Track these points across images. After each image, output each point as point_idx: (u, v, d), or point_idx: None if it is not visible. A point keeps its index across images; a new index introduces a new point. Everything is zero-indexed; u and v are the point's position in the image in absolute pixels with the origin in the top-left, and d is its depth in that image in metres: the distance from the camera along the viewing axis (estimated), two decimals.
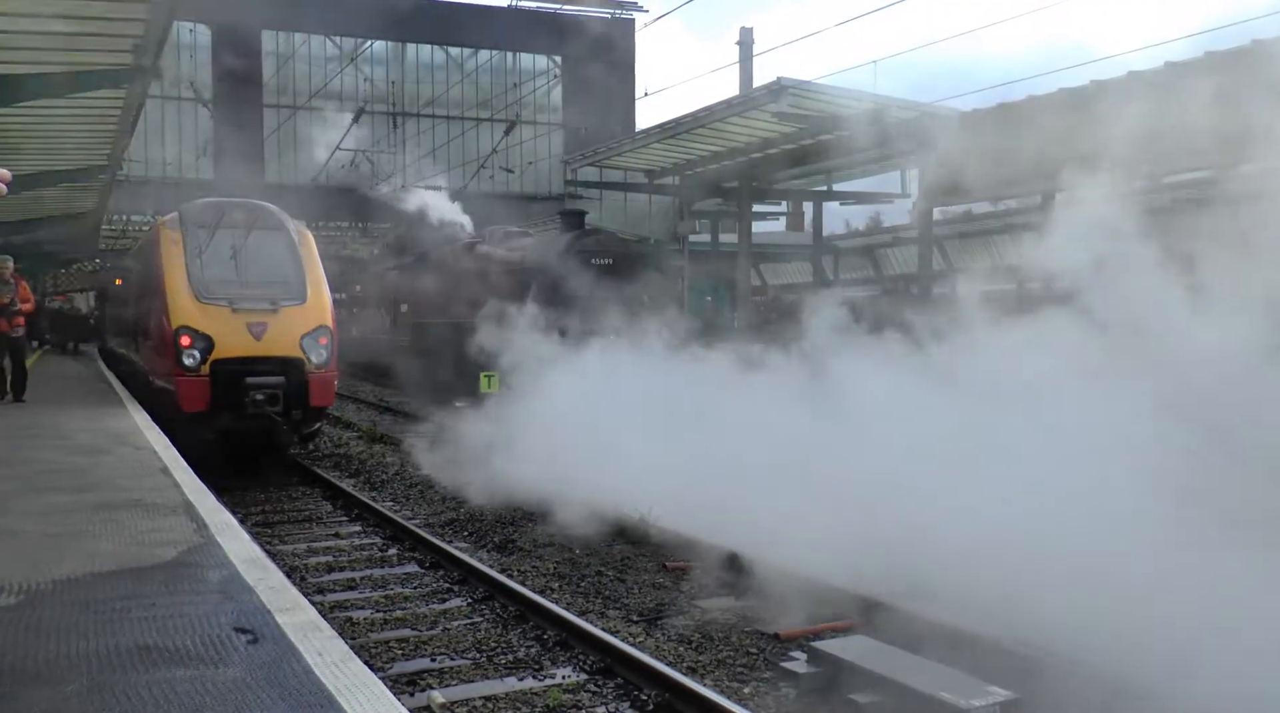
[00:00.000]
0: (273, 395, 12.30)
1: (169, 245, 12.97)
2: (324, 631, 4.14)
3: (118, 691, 3.45)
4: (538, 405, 10.97)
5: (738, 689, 5.78)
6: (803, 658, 5.92)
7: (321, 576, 8.31)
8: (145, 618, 4.26)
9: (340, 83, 34.86)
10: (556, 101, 42.47)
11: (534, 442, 10.37)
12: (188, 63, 36.07)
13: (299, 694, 3.44)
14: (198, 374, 12.15)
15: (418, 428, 16.62)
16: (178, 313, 12.37)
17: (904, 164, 24.62)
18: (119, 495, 7.04)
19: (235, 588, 4.75)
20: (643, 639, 6.61)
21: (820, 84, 19.07)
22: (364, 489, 11.94)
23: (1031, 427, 7.00)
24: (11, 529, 5.90)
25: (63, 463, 8.46)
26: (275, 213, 13.77)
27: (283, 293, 12.85)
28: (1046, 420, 6.94)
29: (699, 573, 8.05)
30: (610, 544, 8.98)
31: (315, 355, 12.68)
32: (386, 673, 5.91)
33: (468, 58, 41.04)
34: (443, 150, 35.69)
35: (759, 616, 7.00)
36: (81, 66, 10.38)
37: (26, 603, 4.47)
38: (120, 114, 13.08)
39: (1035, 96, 15.72)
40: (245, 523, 8.63)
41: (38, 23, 9.11)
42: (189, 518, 6.33)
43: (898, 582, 6.71)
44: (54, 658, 3.77)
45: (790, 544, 7.35)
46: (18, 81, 10.14)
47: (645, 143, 24.53)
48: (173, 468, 8.32)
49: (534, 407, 11.00)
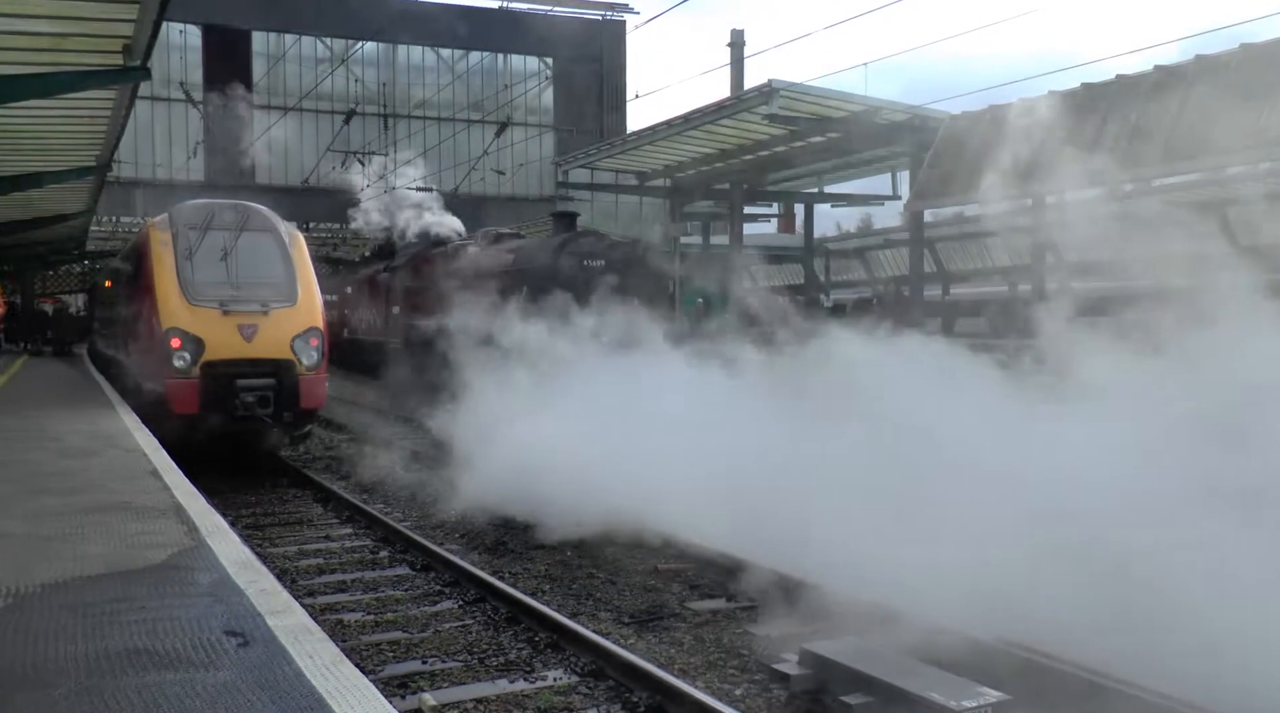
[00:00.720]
0: (263, 397, 12.28)
1: (159, 247, 12.93)
2: (315, 633, 4.13)
3: (107, 694, 3.44)
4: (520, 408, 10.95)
5: (729, 691, 5.79)
6: (794, 660, 5.93)
7: (312, 578, 8.29)
8: (135, 621, 4.24)
9: (331, 84, 34.82)
10: (548, 103, 42.52)
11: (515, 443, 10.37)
12: (178, 63, 36.03)
13: (290, 698, 3.43)
14: (188, 376, 12.12)
15: (409, 430, 16.61)
16: (168, 315, 12.33)
17: (895, 165, 24.71)
18: (109, 498, 7.02)
19: (226, 591, 4.74)
20: (634, 641, 6.61)
21: (811, 86, 19.11)
22: (355, 492, 11.91)
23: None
24: (1, 532, 5.88)
25: (53, 465, 8.43)
26: (266, 214, 13.75)
27: (273, 295, 12.83)
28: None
29: (692, 575, 8.06)
30: (601, 547, 8.97)
31: (306, 357, 12.66)
32: (378, 676, 5.90)
33: (459, 59, 41.04)
34: (434, 152, 35.68)
35: (750, 617, 7.02)
36: (71, 67, 10.34)
37: (15, 606, 4.46)
38: (110, 115, 13.02)
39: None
40: (236, 525, 8.60)
41: (27, 23, 9.06)
42: (179, 520, 6.32)
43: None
44: (43, 661, 3.76)
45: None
46: (7, 82, 10.09)
47: (636, 145, 24.54)
48: (162, 470, 8.30)
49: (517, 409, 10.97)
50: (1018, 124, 14.28)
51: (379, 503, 11.32)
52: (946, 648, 5.69)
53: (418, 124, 38.51)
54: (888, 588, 6.32)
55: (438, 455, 12.00)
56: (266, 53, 37.84)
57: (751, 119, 20.36)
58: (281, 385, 12.46)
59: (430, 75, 40.53)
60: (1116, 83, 15.30)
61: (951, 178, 17.43)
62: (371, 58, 39.47)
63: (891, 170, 25.69)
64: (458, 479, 10.54)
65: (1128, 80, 15.14)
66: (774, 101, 18.62)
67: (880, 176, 27.46)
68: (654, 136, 23.12)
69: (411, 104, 39.44)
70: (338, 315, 28.36)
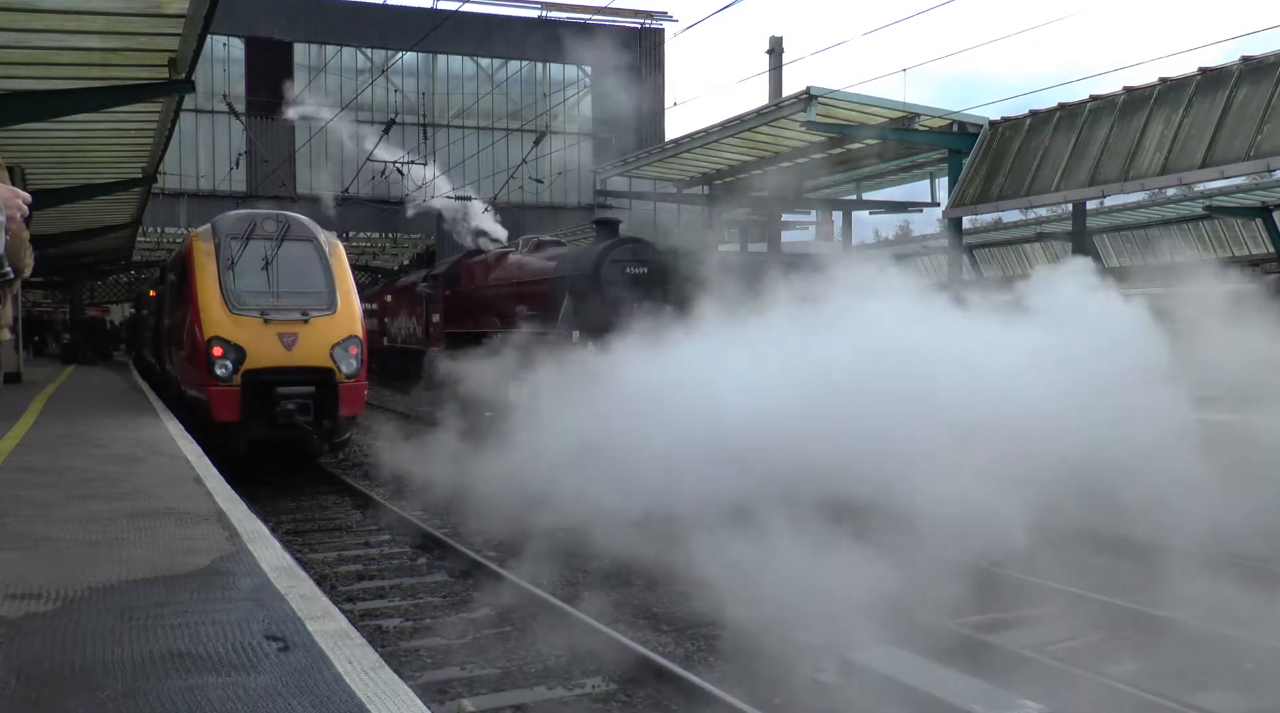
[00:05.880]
0: (303, 405, 12.41)
1: (201, 257, 13.12)
2: (354, 639, 4.16)
3: (152, 697, 3.49)
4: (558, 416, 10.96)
5: (768, 700, 5.76)
6: (833, 669, 5.89)
7: (351, 584, 8.36)
8: (179, 625, 4.30)
9: (371, 94, 35.16)
10: (586, 112, 42.62)
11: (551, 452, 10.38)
12: (221, 76, 36.54)
13: (330, 702, 3.46)
14: (230, 384, 12.27)
15: (449, 438, 16.68)
16: (210, 324, 12.50)
17: (934, 172, 24.51)
18: (153, 504, 7.12)
19: (266, 596, 4.78)
20: (672, 649, 6.60)
21: (849, 92, 19.01)
22: (393, 499, 11.99)
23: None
24: (50, 536, 5.98)
25: (98, 471, 8.56)
26: (306, 223, 13.90)
27: (313, 303, 12.96)
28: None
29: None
30: (634, 551, 8.94)
31: (345, 365, 12.78)
32: (416, 682, 5.93)
33: (498, 69, 41.27)
34: (472, 161, 35.90)
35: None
36: (119, 81, 10.53)
37: (64, 610, 4.53)
38: (156, 127, 13.25)
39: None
40: (276, 531, 8.67)
41: (77, 39, 9.25)
42: (221, 526, 6.39)
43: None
44: (90, 664, 3.81)
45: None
46: (57, 97, 10.31)
47: (675, 152, 24.53)
48: (205, 477, 8.40)
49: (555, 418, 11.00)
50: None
51: (417, 509, 11.38)
52: None
53: (456, 133, 38.76)
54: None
55: (475, 462, 12.04)
56: (308, 64, 38.28)
57: (790, 126, 20.29)
58: (321, 393, 12.59)
59: (469, 85, 40.78)
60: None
61: (992, 182, 17.27)
62: (411, 68, 39.78)
63: (930, 176, 25.48)
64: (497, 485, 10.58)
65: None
66: (812, 108, 18.53)
67: (919, 183, 27.22)
68: (692, 144, 23.09)
69: (450, 113, 39.71)
70: (377, 324, 28.60)
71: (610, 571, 8.59)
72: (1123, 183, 14.75)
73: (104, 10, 8.61)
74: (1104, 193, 15.53)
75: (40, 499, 7.16)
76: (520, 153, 31.86)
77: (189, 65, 10.04)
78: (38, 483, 7.84)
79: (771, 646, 6.24)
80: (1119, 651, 6.57)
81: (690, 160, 25.02)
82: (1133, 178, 14.57)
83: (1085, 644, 6.71)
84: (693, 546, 7.94)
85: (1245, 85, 13.56)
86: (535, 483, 10.09)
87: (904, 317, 9.80)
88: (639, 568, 8.45)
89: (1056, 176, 15.83)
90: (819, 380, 9.27)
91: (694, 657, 6.58)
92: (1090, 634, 6.87)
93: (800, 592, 6.70)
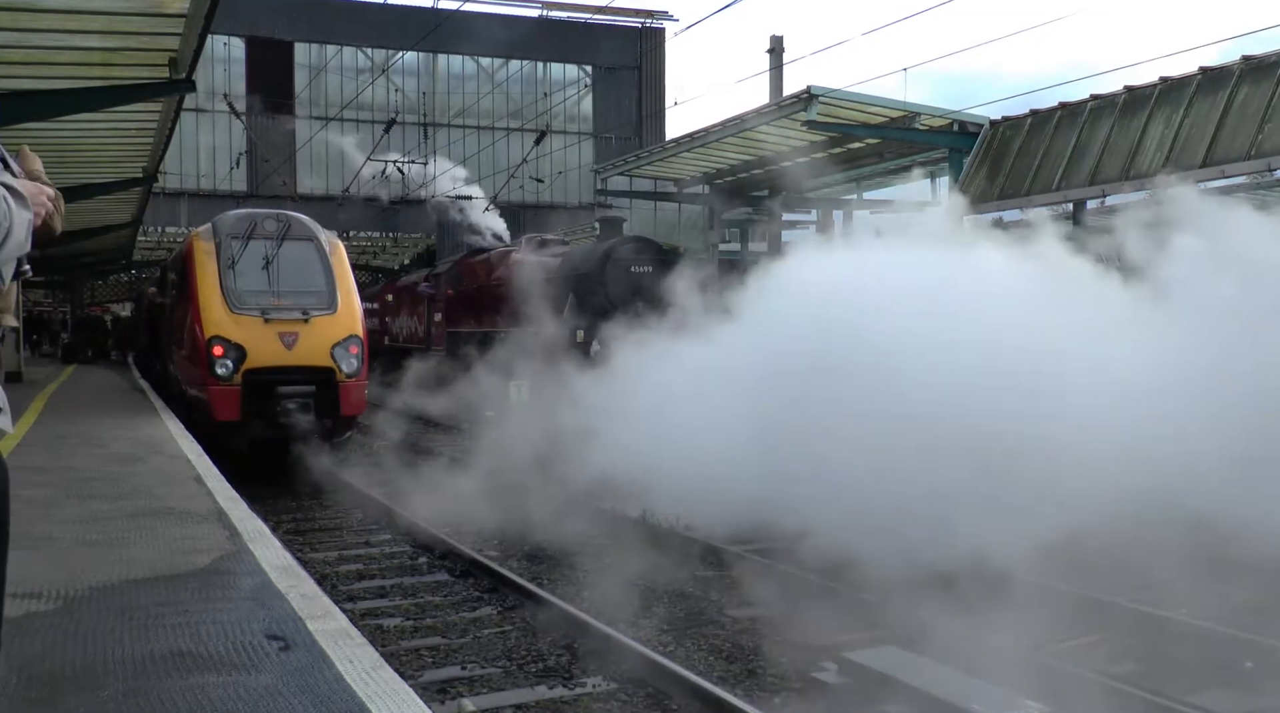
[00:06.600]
0: (304, 404, 12.41)
1: (202, 256, 13.12)
2: (355, 638, 4.16)
3: (153, 696, 3.49)
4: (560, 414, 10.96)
5: (768, 699, 5.76)
6: (834, 669, 5.89)
7: (352, 583, 8.36)
8: (179, 624, 4.30)
9: (371, 94, 35.15)
10: (587, 111, 42.60)
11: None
12: (221, 75, 36.54)
13: (330, 701, 3.46)
14: (230, 384, 12.27)
15: (449, 437, 16.69)
16: (211, 323, 12.50)
17: (935, 171, 24.49)
18: (154, 503, 7.12)
19: (267, 595, 4.78)
20: (673, 649, 6.60)
21: (850, 91, 18.99)
22: (393, 497, 11.97)
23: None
24: (51, 536, 5.98)
25: (99, 471, 8.57)
26: (306, 223, 13.91)
27: (314, 303, 12.97)
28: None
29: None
30: (641, 551, 8.95)
31: (346, 365, 12.78)
32: (417, 681, 5.93)
33: (498, 68, 41.25)
34: (473, 160, 35.90)
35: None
36: (119, 80, 10.52)
37: (65, 609, 4.53)
38: (156, 127, 13.24)
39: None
40: (276, 531, 8.66)
41: (78, 38, 9.25)
42: (221, 526, 6.39)
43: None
44: (91, 663, 3.81)
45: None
46: (57, 97, 10.30)
47: (675, 152, 24.50)
48: (205, 476, 8.40)
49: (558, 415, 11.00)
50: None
51: (417, 508, 11.35)
52: None
53: (457, 133, 38.75)
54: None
55: (476, 461, 12.04)
56: (309, 64, 38.27)
57: (790, 125, 20.27)
58: (322, 393, 12.59)
59: (470, 84, 40.76)
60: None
61: (993, 182, 17.26)
62: (411, 67, 39.76)
63: (931, 176, 25.46)
64: (498, 484, 10.58)
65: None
66: (812, 108, 18.52)
67: (919, 183, 27.21)
68: (693, 143, 23.06)
69: (451, 113, 39.70)
70: (378, 323, 28.57)
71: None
72: (1123, 182, 14.74)
73: (104, 10, 8.60)
74: (1105, 192, 15.52)
75: (41, 499, 7.16)
76: (520, 152, 31.85)
77: (189, 65, 10.03)
78: (38, 483, 7.84)
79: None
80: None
81: (690, 160, 25.00)
82: (1133, 177, 14.56)
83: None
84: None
85: (1246, 85, 13.55)
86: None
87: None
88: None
89: (1057, 176, 15.83)
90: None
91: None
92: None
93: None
